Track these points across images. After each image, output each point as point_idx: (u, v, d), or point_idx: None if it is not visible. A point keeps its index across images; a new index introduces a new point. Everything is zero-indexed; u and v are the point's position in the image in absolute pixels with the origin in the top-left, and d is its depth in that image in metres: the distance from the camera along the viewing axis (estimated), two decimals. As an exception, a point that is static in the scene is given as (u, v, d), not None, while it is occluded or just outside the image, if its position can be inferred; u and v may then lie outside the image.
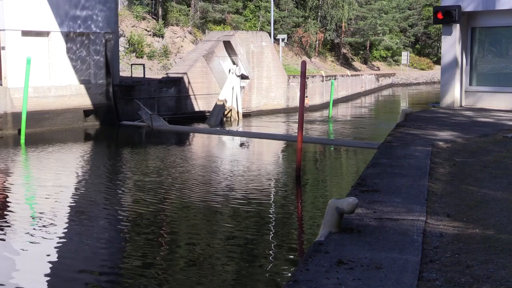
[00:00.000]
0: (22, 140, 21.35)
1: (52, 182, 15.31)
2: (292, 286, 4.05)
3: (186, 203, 13.04)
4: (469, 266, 4.46)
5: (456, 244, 4.98)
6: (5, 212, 12.30)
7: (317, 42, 60.14)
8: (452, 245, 4.95)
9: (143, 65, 30.63)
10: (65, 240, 10.56)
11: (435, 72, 70.37)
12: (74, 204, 13.17)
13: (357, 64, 68.28)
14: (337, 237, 5.09)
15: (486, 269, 4.38)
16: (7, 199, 13.48)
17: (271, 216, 12.32)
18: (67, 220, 11.73)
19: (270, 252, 9.90)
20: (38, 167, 17.85)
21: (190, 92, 29.95)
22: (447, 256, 4.69)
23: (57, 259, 9.57)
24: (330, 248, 4.81)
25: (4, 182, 15.23)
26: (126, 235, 11.00)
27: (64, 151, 20.39)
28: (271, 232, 11.10)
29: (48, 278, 8.79)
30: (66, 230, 11.10)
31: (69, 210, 12.57)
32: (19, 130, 21.91)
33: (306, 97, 33.34)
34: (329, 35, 62.60)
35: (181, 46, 45.54)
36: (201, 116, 29.59)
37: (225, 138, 24.94)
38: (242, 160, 19.54)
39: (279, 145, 23.34)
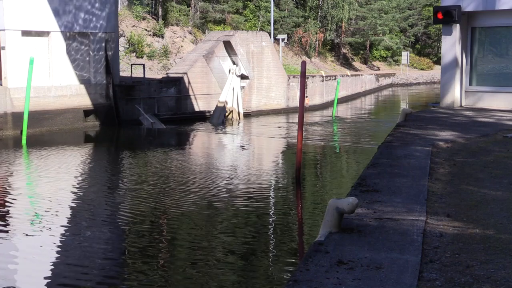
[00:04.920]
0: (24, 141, 21.27)
1: (55, 185, 15.30)
2: (292, 286, 4.05)
3: (186, 203, 13.04)
4: (469, 266, 4.46)
5: (456, 244, 4.98)
6: (5, 214, 12.31)
7: (317, 42, 60.12)
8: (452, 245, 4.96)
9: (143, 65, 30.59)
10: (65, 242, 10.55)
11: (435, 72, 70.34)
12: (74, 206, 13.17)
13: (357, 64, 68.25)
14: (337, 237, 5.09)
15: (486, 269, 4.38)
16: (7, 200, 13.48)
17: (271, 216, 12.32)
18: (67, 222, 11.73)
19: (270, 252, 9.90)
20: (40, 169, 17.84)
21: (190, 92, 29.94)
22: (447, 256, 4.69)
23: (56, 261, 9.57)
24: (330, 248, 4.82)
25: (7, 184, 15.23)
26: (126, 236, 11.01)
27: (66, 153, 20.35)
28: (271, 232, 11.10)
29: (48, 280, 8.79)
30: (66, 232, 11.10)
31: (70, 212, 12.57)
32: (22, 131, 21.84)
33: (306, 97, 33.32)
34: (329, 35, 62.58)
35: (181, 46, 45.53)
36: (201, 116, 29.58)
37: (225, 138, 24.94)
38: (242, 161, 19.54)
39: (279, 145, 23.34)
